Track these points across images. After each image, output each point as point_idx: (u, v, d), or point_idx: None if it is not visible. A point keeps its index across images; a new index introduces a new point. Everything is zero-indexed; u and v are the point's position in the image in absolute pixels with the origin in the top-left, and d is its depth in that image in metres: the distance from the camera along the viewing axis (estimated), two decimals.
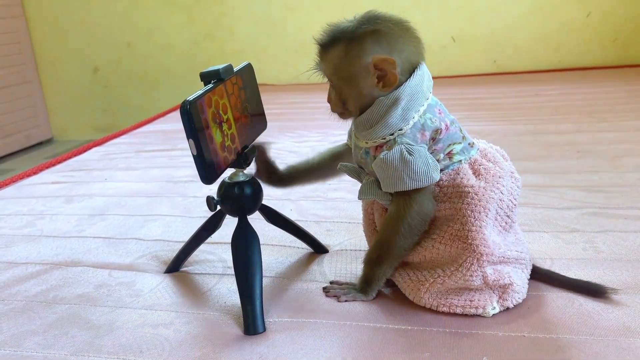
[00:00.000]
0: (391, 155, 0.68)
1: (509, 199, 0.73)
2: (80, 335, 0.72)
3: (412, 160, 0.67)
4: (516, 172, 0.75)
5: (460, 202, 0.69)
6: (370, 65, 0.67)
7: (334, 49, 0.69)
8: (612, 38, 2.62)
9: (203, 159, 0.65)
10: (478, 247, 0.68)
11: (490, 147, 0.76)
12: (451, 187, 0.70)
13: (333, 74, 0.71)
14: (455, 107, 2.00)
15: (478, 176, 0.71)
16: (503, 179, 0.71)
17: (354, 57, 0.68)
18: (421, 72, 0.70)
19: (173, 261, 0.89)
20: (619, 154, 1.34)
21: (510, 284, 0.71)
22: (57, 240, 1.04)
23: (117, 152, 1.73)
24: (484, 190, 0.69)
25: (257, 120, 0.83)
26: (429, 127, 0.69)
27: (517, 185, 0.75)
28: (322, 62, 0.71)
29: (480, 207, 0.68)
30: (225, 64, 0.74)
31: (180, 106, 0.64)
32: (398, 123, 0.68)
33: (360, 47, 0.67)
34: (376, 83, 0.68)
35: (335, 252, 0.92)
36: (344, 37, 0.68)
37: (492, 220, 0.70)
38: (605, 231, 0.92)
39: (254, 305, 0.71)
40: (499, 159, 0.74)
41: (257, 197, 0.79)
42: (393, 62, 0.67)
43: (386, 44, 0.67)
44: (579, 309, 0.70)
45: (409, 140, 0.68)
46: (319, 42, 0.71)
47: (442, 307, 0.71)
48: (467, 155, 0.72)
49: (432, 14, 2.73)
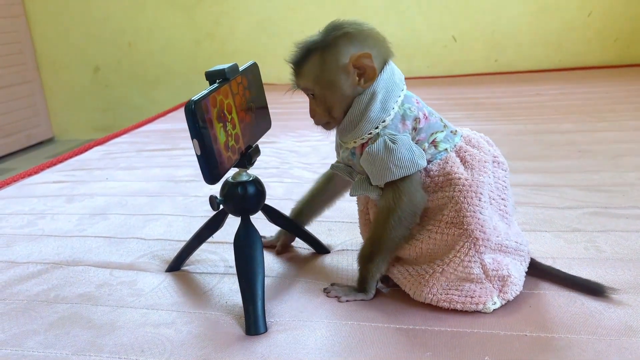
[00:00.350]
0: (376, 146, 0.70)
1: (496, 182, 0.74)
2: (81, 334, 0.72)
3: (396, 148, 0.69)
4: (501, 157, 0.77)
5: (452, 190, 0.70)
6: (349, 65, 0.70)
7: (309, 62, 0.72)
8: (613, 38, 2.62)
9: (207, 159, 0.65)
10: (473, 232, 0.69)
11: (474, 134, 0.78)
12: (442, 176, 0.72)
13: (314, 85, 0.73)
14: (456, 106, 2.01)
15: (465, 163, 0.73)
16: (488, 164, 0.73)
17: (331, 62, 0.71)
18: (390, 67, 0.73)
19: (174, 260, 0.89)
20: (620, 154, 1.34)
21: (508, 275, 0.71)
22: (58, 240, 1.04)
23: (118, 151, 1.73)
24: (473, 177, 0.71)
25: (262, 119, 0.83)
26: (409, 116, 0.72)
27: (502, 169, 0.76)
28: (299, 78, 0.74)
29: (472, 193, 0.70)
30: (231, 64, 0.74)
31: (185, 106, 0.64)
32: (379, 115, 0.71)
33: (335, 51, 0.71)
34: (357, 81, 0.71)
35: (336, 252, 0.92)
36: (316, 48, 0.72)
37: (488, 205, 0.71)
38: (607, 231, 0.92)
39: (256, 306, 0.71)
40: (483, 144, 0.76)
41: (260, 197, 0.79)
42: (369, 55, 0.70)
43: (358, 43, 0.71)
44: (581, 308, 0.70)
45: (392, 130, 0.71)
46: (292, 60, 0.74)
47: (442, 302, 0.71)
48: (452, 143, 0.74)
49: (433, 13, 2.73)
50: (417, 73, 2.76)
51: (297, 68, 0.74)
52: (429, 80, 2.64)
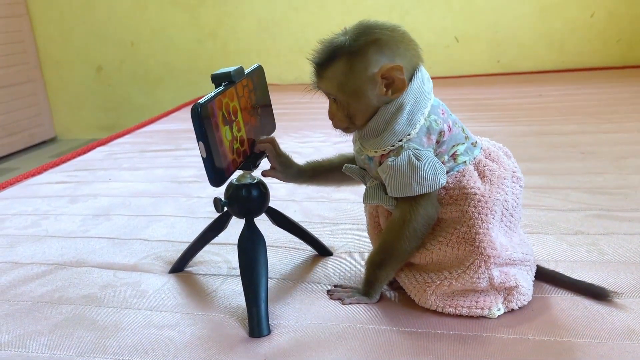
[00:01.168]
0: (399, 161, 0.67)
1: (513, 199, 0.73)
2: (85, 336, 0.73)
3: (421, 165, 0.67)
4: (519, 171, 0.75)
5: (466, 205, 0.69)
6: (377, 75, 0.66)
7: (334, 65, 0.68)
8: (616, 38, 2.61)
9: (212, 162, 0.66)
10: (485, 250, 0.68)
11: (493, 146, 0.76)
12: (457, 189, 0.70)
13: (338, 91, 0.69)
14: (459, 107, 2.00)
15: (483, 178, 0.71)
16: (507, 180, 0.72)
17: (359, 70, 0.67)
18: (421, 75, 0.70)
19: (178, 261, 0.89)
20: (623, 155, 1.34)
21: (516, 286, 0.71)
22: (62, 241, 1.05)
23: (121, 151, 1.74)
24: (490, 193, 0.69)
25: (267, 122, 0.83)
26: (435, 129, 0.69)
27: (520, 185, 0.75)
28: (322, 80, 0.70)
29: (487, 210, 0.68)
30: (237, 66, 0.74)
31: (191, 108, 0.64)
32: (405, 129, 0.68)
33: (364, 59, 0.66)
34: (384, 92, 0.67)
35: (339, 255, 0.92)
36: (343, 53, 0.67)
37: (498, 222, 0.70)
38: (610, 234, 0.92)
39: (259, 308, 0.71)
40: (502, 158, 0.74)
41: (264, 200, 0.79)
42: (400, 68, 0.66)
43: (389, 52, 0.67)
44: (584, 312, 0.70)
45: (416, 145, 0.68)
46: (316, 61, 0.70)
47: (448, 307, 0.71)
48: (472, 155, 0.72)
49: (436, 14, 2.73)
50: None
51: (321, 70, 0.69)
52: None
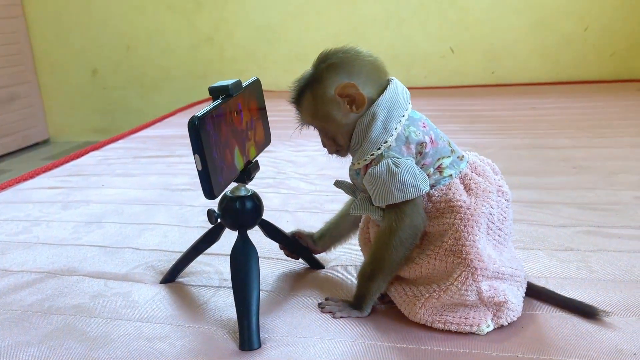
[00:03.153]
0: (378, 169, 0.70)
1: (499, 212, 0.74)
2: (75, 347, 0.72)
3: (399, 172, 0.69)
4: (505, 186, 0.77)
5: (452, 217, 0.70)
6: (335, 96, 0.72)
7: (303, 99, 0.75)
8: (610, 52, 2.64)
9: (207, 175, 0.66)
10: (472, 262, 0.69)
11: (481, 160, 0.78)
12: (443, 202, 0.72)
13: (313, 120, 0.76)
14: (453, 118, 2.01)
15: (469, 191, 0.72)
16: (492, 194, 0.73)
17: (321, 95, 0.73)
18: (394, 86, 0.74)
19: (169, 272, 0.89)
20: (615, 171, 1.35)
21: (505, 302, 0.71)
22: (53, 248, 1.04)
23: (115, 157, 1.73)
24: (476, 205, 0.71)
25: (263, 134, 0.83)
26: (413, 139, 0.71)
27: (506, 199, 0.76)
28: (300, 115, 0.77)
29: (472, 222, 0.70)
30: (235, 80, 0.74)
31: (188, 121, 0.65)
32: (380, 136, 0.71)
33: (322, 85, 0.73)
34: (349, 109, 0.73)
35: (331, 268, 0.92)
36: (307, 85, 0.74)
37: (484, 234, 0.71)
38: (599, 250, 0.93)
39: (250, 321, 0.71)
40: (489, 172, 0.76)
41: (257, 212, 0.79)
42: (353, 84, 0.71)
43: (343, 72, 0.72)
44: (573, 330, 0.71)
45: (395, 153, 0.71)
46: (290, 101, 0.77)
47: (437, 323, 0.72)
48: (458, 169, 0.73)
49: (431, 24, 2.75)
50: (414, 83, 2.77)
51: (297, 106, 0.77)
52: (425, 90, 2.65)
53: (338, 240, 0.90)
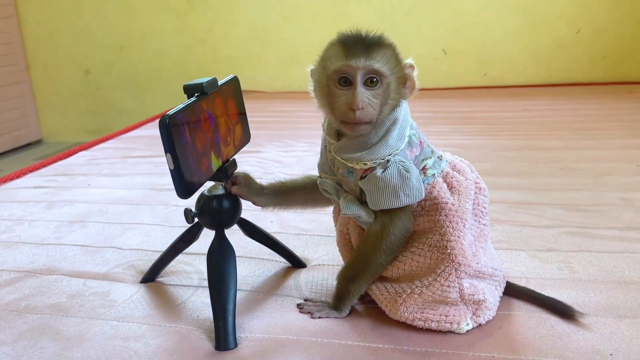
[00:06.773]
0: (389, 173, 0.68)
1: (477, 208, 0.75)
2: (49, 346, 0.72)
3: (409, 177, 0.68)
4: (482, 182, 0.77)
5: (438, 215, 0.70)
6: (408, 68, 0.69)
7: (385, 49, 0.67)
8: (602, 55, 2.64)
9: (180, 174, 0.65)
10: (456, 257, 0.69)
11: (457, 159, 0.78)
12: (428, 200, 0.71)
13: (391, 74, 0.67)
14: (445, 119, 2.01)
15: (452, 189, 0.72)
16: (472, 190, 0.73)
17: (399, 58, 0.69)
18: None
19: (149, 271, 0.89)
20: (602, 172, 1.34)
21: (483, 300, 0.71)
22: (34, 247, 1.03)
23: (103, 157, 1.73)
24: (459, 202, 0.71)
25: (241, 133, 0.82)
26: (415, 143, 0.71)
27: (484, 195, 0.76)
28: (372, 59, 0.65)
29: (457, 218, 0.70)
30: (210, 77, 0.73)
31: (159, 120, 0.64)
32: (396, 143, 0.69)
33: (398, 54, 0.69)
34: (406, 90, 0.70)
35: (312, 267, 0.91)
36: (387, 42, 0.68)
37: (468, 231, 0.72)
38: (581, 251, 0.93)
39: (226, 321, 0.71)
40: (466, 170, 0.76)
41: (235, 211, 0.79)
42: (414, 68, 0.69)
43: None
44: (550, 331, 0.71)
45: (402, 157, 0.69)
46: (365, 39, 0.66)
47: (417, 321, 0.71)
48: (439, 168, 0.73)
49: (424, 26, 2.75)
50: None
51: (369, 50, 0.65)
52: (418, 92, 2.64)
53: (280, 206, 0.83)
